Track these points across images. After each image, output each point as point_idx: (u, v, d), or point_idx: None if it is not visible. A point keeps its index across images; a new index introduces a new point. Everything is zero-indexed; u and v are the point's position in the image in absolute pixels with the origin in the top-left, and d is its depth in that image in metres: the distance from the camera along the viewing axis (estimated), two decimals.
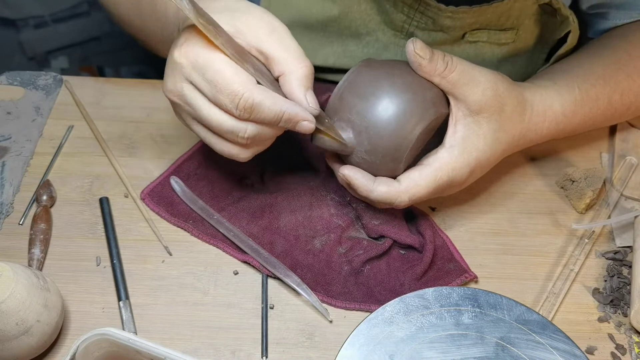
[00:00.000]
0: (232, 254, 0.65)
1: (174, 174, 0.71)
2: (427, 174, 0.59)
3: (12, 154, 0.73)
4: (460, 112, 0.60)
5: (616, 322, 0.62)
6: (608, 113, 0.71)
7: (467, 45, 0.77)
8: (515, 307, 0.57)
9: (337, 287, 0.63)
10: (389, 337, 0.55)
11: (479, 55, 0.78)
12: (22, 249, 0.65)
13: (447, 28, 0.73)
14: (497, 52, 0.78)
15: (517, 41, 0.76)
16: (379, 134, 0.58)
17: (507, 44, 0.76)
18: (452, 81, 0.58)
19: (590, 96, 0.68)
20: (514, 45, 0.77)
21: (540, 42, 0.78)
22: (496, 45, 0.77)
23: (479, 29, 0.74)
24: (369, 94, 0.58)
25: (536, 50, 0.79)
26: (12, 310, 0.52)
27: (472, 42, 0.76)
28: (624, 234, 0.69)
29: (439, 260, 0.65)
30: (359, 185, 0.60)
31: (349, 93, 0.59)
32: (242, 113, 0.53)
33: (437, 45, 0.76)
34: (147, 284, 0.63)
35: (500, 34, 0.75)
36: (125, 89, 0.81)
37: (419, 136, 0.58)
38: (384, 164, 0.59)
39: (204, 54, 0.52)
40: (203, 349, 0.59)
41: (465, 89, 0.58)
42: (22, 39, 1.51)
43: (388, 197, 0.59)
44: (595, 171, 0.70)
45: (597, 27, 0.78)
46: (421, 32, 0.75)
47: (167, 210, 0.68)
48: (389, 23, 0.76)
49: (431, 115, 0.58)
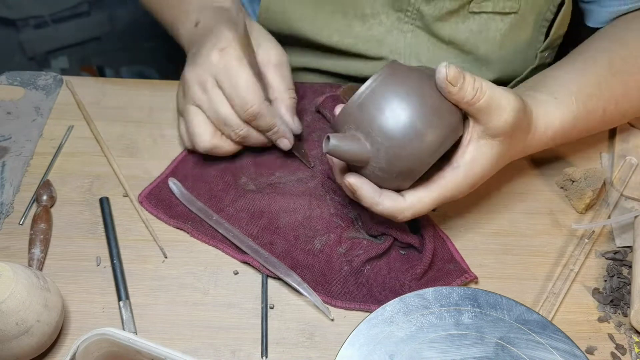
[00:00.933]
0: (232, 255, 0.65)
1: (171, 175, 0.71)
2: (432, 193, 0.59)
3: (12, 154, 0.73)
4: (475, 134, 0.59)
5: (616, 322, 0.62)
6: (603, 122, 0.72)
7: (472, 20, 0.78)
8: (515, 307, 0.57)
9: (337, 287, 0.63)
10: (389, 337, 0.55)
11: (483, 31, 0.79)
12: (22, 249, 0.65)
13: None
14: (500, 27, 0.78)
15: (519, 12, 0.77)
16: (398, 155, 0.56)
17: (510, 15, 0.77)
18: (479, 108, 0.57)
19: (587, 109, 0.68)
20: (516, 18, 0.78)
21: (539, 16, 0.79)
22: (499, 18, 0.78)
23: None
24: (394, 111, 0.55)
25: (535, 30, 0.80)
26: (12, 310, 0.52)
27: (477, 13, 0.77)
28: (624, 234, 0.69)
29: (439, 260, 0.65)
30: (365, 196, 0.59)
31: (372, 104, 0.56)
32: (247, 117, 0.66)
33: (442, 19, 0.78)
34: (147, 284, 0.63)
35: (504, 2, 0.76)
36: (125, 89, 0.81)
37: (435, 161, 0.57)
38: (393, 180, 0.58)
39: (236, 64, 0.66)
40: (203, 349, 0.59)
41: (489, 115, 0.57)
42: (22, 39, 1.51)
43: (392, 212, 0.59)
44: (595, 171, 0.70)
45: (595, 15, 0.79)
46: (427, 4, 0.76)
47: (165, 213, 0.68)
48: (394, 2, 0.77)
49: (451, 142, 0.57)
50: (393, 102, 0.56)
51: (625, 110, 0.72)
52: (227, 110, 0.66)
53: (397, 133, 0.55)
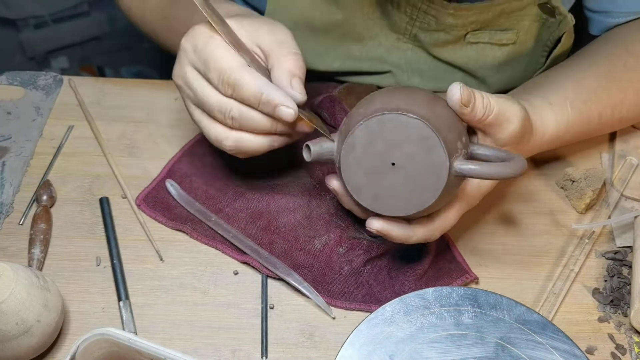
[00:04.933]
0: (231, 255, 0.65)
1: (167, 177, 0.71)
2: (453, 209, 0.59)
3: (12, 154, 0.73)
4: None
5: (616, 322, 0.62)
6: (599, 128, 0.72)
7: (469, 48, 0.77)
8: (515, 307, 0.57)
9: (337, 287, 0.63)
10: (389, 337, 0.55)
11: (480, 58, 0.78)
12: (22, 249, 0.65)
13: (449, 27, 0.73)
14: (498, 55, 0.78)
15: (517, 43, 0.76)
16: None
17: (508, 45, 0.77)
18: (488, 123, 0.57)
19: (582, 115, 0.68)
20: (514, 48, 0.77)
21: (539, 44, 0.78)
22: (497, 47, 0.77)
23: (480, 29, 0.74)
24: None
25: (535, 53, 0.79)
26: (12, 310, 0.52)
27: (473, 43, 0.76)
28: (624, 234, 0.69)
29: (440, 260, 0.65)
30: (398, 236, 0.57)
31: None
32: (226, 88, 0.56)
33: (439, 47, 0.77)
34: (147, 284, 0.63)
35: (500, 34, 0.75)
36: (125, 89, 0.81)
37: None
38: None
39: (203, 38, 0.57)
40: (203, 349, 0.59)
41: (498, 127, 0.58)
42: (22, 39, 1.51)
43: (425, 238, 0.58)
44: (595, 171, 0.70)
45: (600, 24, 0.78)
46: (424, 33, 0.75)
47: (164, 215, 0.68)
48: (392, 26, 0.76)
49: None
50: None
51: (621, 117, 0.72)
52: (209, 94, 0.58)
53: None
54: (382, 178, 0.54)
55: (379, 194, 0.55)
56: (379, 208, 0.55)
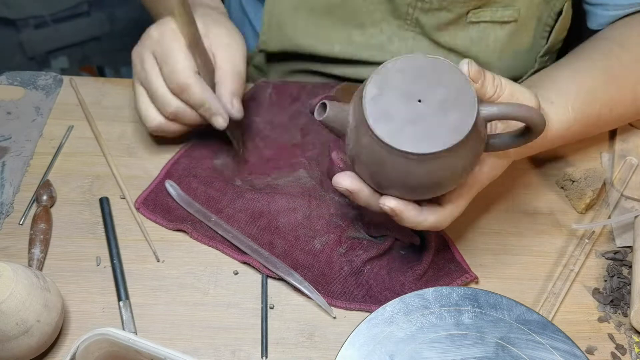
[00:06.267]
0: (232, 255, 0.65)
1: (165, 178, 0.71)
2: (463, 195, 0.59)
3: (12, 154, 0.73)
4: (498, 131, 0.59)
5: (616, 322, 0.62)
6: (598, 127, 0.72)
7: (471, 29, 0.78)
8: (515, 307, 0.57)
9: (337, 287, 0.63)
10: (389, 337, 0.55)
11: (483, 39, 0.79)
12: (22, 249, 0.65)
13: (451, 4, 0.74)
14: (500, 35, 0.79)
15: (519, 20, 0.78)
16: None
17: (509, 23, 0.78)
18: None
19: (583, 115, 0.68)
20: (516, 26, 0.78)
21: (540, 23, 0.79)
22: (499, 26, 0.78)
23: (482, 7, 0.76)
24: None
25: (536, 34, 0.80)
26: (12, 310, 0.52)
27: (475, 22, 0.77)
28: (624, 234, 0.69)
29: (440, 260, 0.65)
30: (409, 218, 0.56)
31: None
32: (174, 88, 0.65)
33: (442, 28, 0.78)
34: (147, 284, 0.63)
35: (502, 11, 0.76)
36: (125, 89, 0.81)
37: None
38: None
39: (170, 36, 0.65)
40: (203, 349, 0.59)
41: None
42: (22, 39, 1.51)
43: (436, 225, 0.58)
44: (595, 171, 0.70)
45: (598, 18, 0.78)
46: (426, 15, 0.76)
47: (164, 217, 0.68)
48: (394, 12, 0.77)
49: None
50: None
51: (620, 115, 0.72)
52: (158, 83, 0.66)
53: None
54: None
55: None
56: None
